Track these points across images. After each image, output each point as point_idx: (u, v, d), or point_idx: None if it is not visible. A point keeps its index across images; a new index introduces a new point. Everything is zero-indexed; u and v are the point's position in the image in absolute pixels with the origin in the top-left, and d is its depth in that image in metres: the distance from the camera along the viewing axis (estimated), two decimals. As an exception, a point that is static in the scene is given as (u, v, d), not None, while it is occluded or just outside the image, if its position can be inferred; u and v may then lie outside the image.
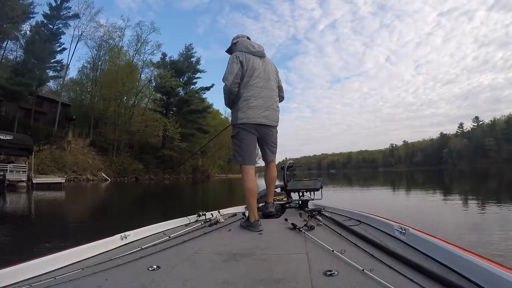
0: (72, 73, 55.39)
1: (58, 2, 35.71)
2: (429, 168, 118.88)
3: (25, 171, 19.99)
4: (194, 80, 53.00)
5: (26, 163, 22.60)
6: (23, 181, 19.17)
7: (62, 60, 40.65)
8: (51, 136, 32.31)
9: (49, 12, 35.15)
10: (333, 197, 12.83)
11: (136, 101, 43.99)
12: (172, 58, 49.59)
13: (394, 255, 1.39)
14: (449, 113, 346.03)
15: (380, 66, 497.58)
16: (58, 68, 41.00)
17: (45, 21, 35.12)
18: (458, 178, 29.92)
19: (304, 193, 3.20)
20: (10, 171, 19.11)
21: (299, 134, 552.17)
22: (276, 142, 2.67)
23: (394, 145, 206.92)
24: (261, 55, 2.51)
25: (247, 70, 2.40)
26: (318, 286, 1.16)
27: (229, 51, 2.65)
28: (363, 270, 1.22)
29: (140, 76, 44.32)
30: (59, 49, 39.43)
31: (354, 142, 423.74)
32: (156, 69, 46.26)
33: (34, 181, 20.04)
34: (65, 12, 36.31)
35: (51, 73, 40.54)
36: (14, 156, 20.74)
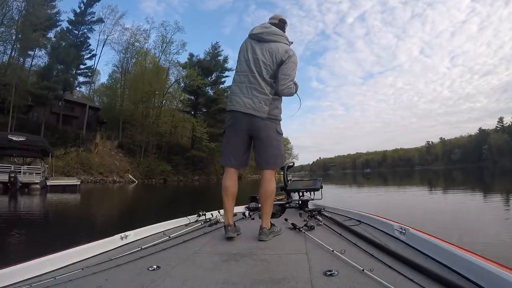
0: (103, 78, 56.84)
1: (83, 8, 36.38)
2: (467, 166, 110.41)
3: (39, 173, 19.54)
4: (223, 79, 51.98)
5: (46, 165, 22.52)
6: (36, 183, 18.69)
7: (92, 66, 41.76)
8: (78, 139, 32.61)
9: (73, 18, 35.86)
10: (368, 200, 12.15)
11: (164, 102, 43.76)
12: (198, 57, 48.88)
13: (394, 255, 1.40)
14: (487, 107, 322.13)
15: (414, 59, 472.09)
16: (89, 73, 42.14)
17: (70, 27, 35.86)
18: (499, 176, 27.26)
19: (304, 193, 3.21)
20: (23, 173, 18.75)
21: (332, 132, 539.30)
22: (273, 141, 2.18)
23: (430, 143, 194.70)
24: (258, 38, 2.21)
25: (239, 57, 2.25)
26: (318, 286, 1.16)
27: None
28: (363, 270, 1.24)
29: (167, 77, 44.02)
30: (88, 55, 40.49)
31: (389, 140, 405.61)
32: (183, 69, 45.81)
33: (48, 183, 19.58)
34: (89, 18, 36.97)
35: (81, 79, 41.80)
36: (27, 157, 20.53)
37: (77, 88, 44.04)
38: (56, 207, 12.21)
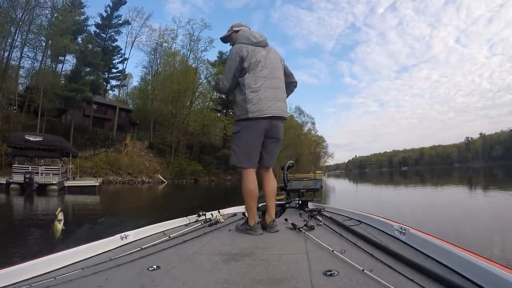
0: (135, 81, 57.76)
1: (109, 12, 36.56)
2: (510, 162, 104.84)
3: (57, 174, 18.91)
4: (253, 76, 49.92)
5: (67, 166, 22.11)
6: (53, 184, 18.01)
7: (125, 69, 42.14)
8: (107, 140, 32.57)
9: (100, 22, 36.13)
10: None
11: (194, 101, 42.90)
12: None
13: (394, 255, 1.41)
14: None
15: (449, 49, 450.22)
16: (121, 77, 42.59)
17: (98, 30, 36.19)
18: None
19: (304, 193, 3.22)
20: (41, 173, 18.18)
21: (367, 130, 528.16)
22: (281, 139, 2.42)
23: (470, 138, 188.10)
24: (264, 44, 2.35)
25: (251, 63, 2.22)
26: (318, 286, 1.17)
27: (226, 39, 2.52)
28: (363, 270, 1.24)
29: (196, 75, 43.12)
30: (120, 59, 40.85)
31: (426, 136, 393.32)
32: (213, 67, 44.75)
33: (66, 185, 18.85)
34: (116, 21, 37.07)
35: (114, 83, 42.34)
36: (45, 158, 20.07)
37: (110, 91, 44.85)
38: (65, 210, 11.23)
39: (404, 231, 1.71)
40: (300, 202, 3.17)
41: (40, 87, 27.68)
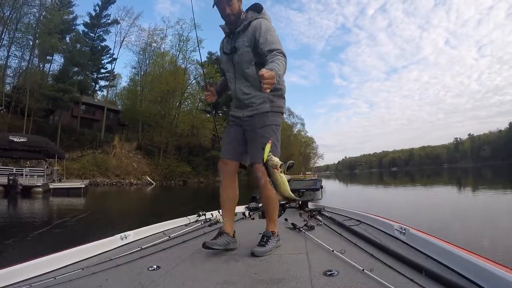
0: (125, 81, 57.40)
1: (98, 11, 36.29)
2: (498, 163, 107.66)
3: (42, 176, 18.77)
4: (243, 77, 50.08)
5: (53, 167, 21.91)
6: (38, 186, 17.88)
7: (113, 70, 41.78)
8: (95, 141, 32.31)
9: (89, 21, 35.84)
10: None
11: (183, 102, 42.81)
12: (217, 55, 47.48)
13: (394, 255, 1.40)
14: None
15: (439, 51, 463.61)
16: (110, 77, 42.25)
17: (86, 30, 35.90)
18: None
19: (304, 193, 3.22)
20: (25, 175, 18.02)
21: (357, 131, 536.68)
22: None
23: (459, 139, 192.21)
24: None
25: None
26: (318, 286, 1.17)
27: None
28: (363, 270, 1.24)
29: (185, 76, 42.92)
30: (109, 59, 40.52)
31: (416, 137, 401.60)
32: (201, 67, 44.63)
33: (51, 187, 18.72)
34: (105, 20, 36.80)
35: (103, 83, 41.98)
36: (30, 159, 19.89)
37: (99, 92, 44.41)
38: (44, 212, 11.29)
39: (404, 231, 1.71)
40: (300, 202, 3.13)
41: (26, 87, 27.30)
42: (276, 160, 1.39)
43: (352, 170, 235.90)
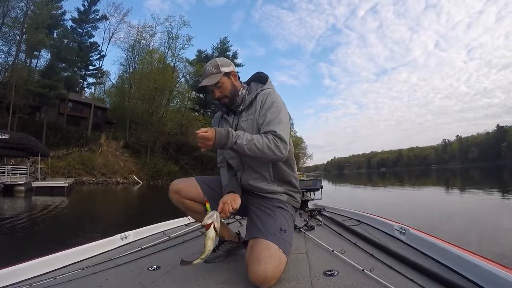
0: (113, 79, 56.82)
1: (86, 6, 35.91)
2: (485, 164, 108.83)
3: (24, 174, 18.62)
4: (232, 76, 50.02)
5: (37, 166, 21.73)
6: (20, 184, 17.73)
7: (102, 67, 41.35)
8: (81, 139, 32.01)
9: (77, 17, 35.45)
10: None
11: (171, 100, 42.63)
12: (206, 53, 47.46)
13: (394, 255, 1.40)
14: (506, 102, 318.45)
15: (428, 53, 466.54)
16: (98, 74, 41.84)
17: (74, 25, 35.47)
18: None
19: (304, 193, 3.10)
20: (7, 173, 17.86)
21: (346, 131, 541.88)
22: None
23: (447, 141, 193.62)
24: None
25: None
26: (318, 286, 1.17)
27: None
28: (363, 270, 1.24)
29: (174, 73, 42.66)
30: (97, 56, 40.13)
31: (405, 138, 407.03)
32: (190, 65, 44.48)
33: (33, 185, 18.56)
34: (93, 16, 36.45)
35: (91, 80, 41.54)
36: (12, 157, 19.69)
37: (87, 89, 43.93)
38: (19, 212, 10.90)
39: (404, 231, 1.71)
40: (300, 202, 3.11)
41: (12, 83, 26.91)
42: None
43: (341, 171, 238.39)
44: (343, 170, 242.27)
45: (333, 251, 1.53)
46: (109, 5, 40.43)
